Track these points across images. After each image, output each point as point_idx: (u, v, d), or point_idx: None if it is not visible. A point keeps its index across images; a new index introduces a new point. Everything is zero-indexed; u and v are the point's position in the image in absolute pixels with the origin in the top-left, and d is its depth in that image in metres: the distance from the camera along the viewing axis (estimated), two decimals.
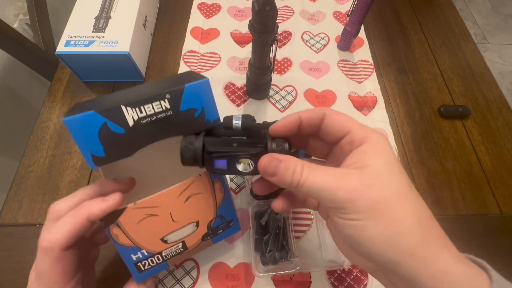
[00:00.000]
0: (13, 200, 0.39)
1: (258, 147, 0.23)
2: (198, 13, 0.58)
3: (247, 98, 0.49)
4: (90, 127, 0.22)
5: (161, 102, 0.23)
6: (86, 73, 0.48)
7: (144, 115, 0.23)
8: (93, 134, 0.22)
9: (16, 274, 0.35)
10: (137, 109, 0.22)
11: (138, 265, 0.27)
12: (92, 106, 0.23)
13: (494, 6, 1.83)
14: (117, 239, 0.25)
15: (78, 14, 0.47)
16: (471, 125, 0.49)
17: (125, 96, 0.24)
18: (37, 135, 0.44)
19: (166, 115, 0.23)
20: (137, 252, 0.26)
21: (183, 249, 0.28)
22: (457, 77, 0.54)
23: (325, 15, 0.60)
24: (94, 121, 0.22)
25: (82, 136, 0.22)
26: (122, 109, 0.22)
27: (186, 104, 0.24)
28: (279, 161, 0.21)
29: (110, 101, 0.23)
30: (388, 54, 0.56)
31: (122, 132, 0.22)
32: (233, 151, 0.23)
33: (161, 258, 0.27)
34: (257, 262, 0.34)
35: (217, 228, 0.30)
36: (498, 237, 0.40)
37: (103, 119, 0.22)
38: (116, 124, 0.22)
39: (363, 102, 0.50)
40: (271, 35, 0.36)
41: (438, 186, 0.43)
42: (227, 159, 0.23)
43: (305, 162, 0.21)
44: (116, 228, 0.25)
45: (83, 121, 0.21)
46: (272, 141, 0.23)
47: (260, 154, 0.22)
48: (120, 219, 0.24)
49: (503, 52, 1.64)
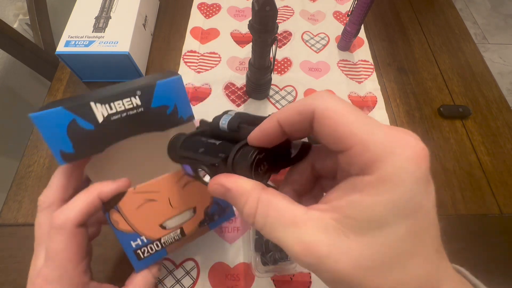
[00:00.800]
0: (13, 200, 0.39)
1: (218, 157, 0.19)
2: (198, 13, 0.58)
3: (247, 98, 0.49)
4: (58, 123, 0.22)
5: (132, 98, 0.23)
6: (86, 73, 0.48)
7: (114, 111, 0.23)
8: (61, 130, 0.22)
9: (16, 274, 0.35)
10: (107, 105, 0.22)
11: (137, 252, 0.26)
12: (62, 103, 0.22)
13: (494, 6, 1.83)
14: (117, 225, 0.25)
15: (78, 14, 0.47)
16: (471, 125, 0.49)
17: (97, 93, 0.24)
18: (37, 135, 0.44)
19: (137, 112, 0.23)
20: (136, 238, 0.26)
21: (181, 235, 0.28)
22: (457, 77, 0.54)
23: (325, 15, 0.60)
24: (62, 117, 0.22)
25: (50, 132, 0.22)
26: (91, 105, 0.22)
27: (157, 101, 0.24)
28: (225, 189, 0.16)
29: (82, 98, 0.23)
30: (388, 54, 0.56)
31: (91, 129, 0.22)
32: (195, 158, 0.21)
33: (160, 245, 0.27)
34: (257, 262, 0.34)
35: (213, 214, 0.30)
36: (498, 237, 0.40)
37: (71, 115, 0.22)
38: (85, 120, 0.22)
39: (363, 102, 0.50)
40: (271, 35, 0.36)
41: (438, 186, 0.43)
42: (191, 165, 0.22)
43: (264, 197, 0.15)
44: (116, 214, 0.25)
45: (51, 117, 0.21)
46: (239, 150, 0.18)
47: (218, 166, 0.18)
48: (120, 204, 0.25)
49: (503, 52, 1.64)
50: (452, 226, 0.40)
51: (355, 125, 0.13)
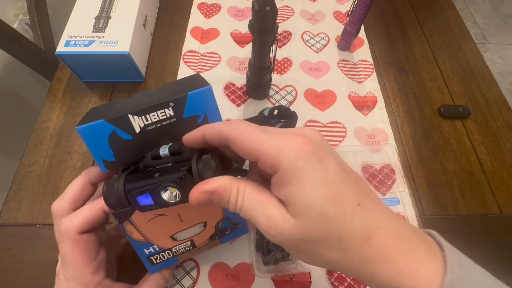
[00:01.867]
0: (13, 200, 0.39)
1: (181, 171, 0.20)
2: (198, 13, 0.58)
3: (247, 98, 0.49)
4: (101, 135, 0.23)
5: (166, 110, 0.24)
6: (86, 73, 0.48)
7: (149, 122, 0.24)
8: (103, 141, 0.24)
9: (16, 274, 0.35)
10: (143, 117, 0.24)
11: (150, 259, 0.28)
12: (101, 115, 0.24)
13: (494, 6, 1.83)
14: (131, 235, 0.27)
15: (78, 14, 0.47)
16: (471, 125, 0.49)
17: (132, 103, 0.25)
18: (37, 135, 0.44)
19: (170, 122, 0.24)
20: (149, 247, 0.28)
21: (191, 247, 0.30)
22: (457, 77, 0.54)
23: (325, 15, 0.60)
24: (104, 129, 0.23)
25: (94, 143, 0.24)
26: (129, 117, 0.23)
27: (189, 111, 0.25)
28: (210, 193, 0.18)
29: (118, 109, 0.24)
30: (388, 54, 0.56)
31: (129, 139, 0.24)
32: (154, 182, 0.21)
33: (171, 254, 0.29)
34: (259, 262, 0.34)
35: (224, 230, 0.31)
36: (498, 237, 0.40)
37: (111, 127, 0.23)
38: (123, 131, 0.24)
39: (363, 102, 0.50)
40: (271, 35, 0.36)
41: (438, 186, 0.43)
42: (149, 192, 0.21)
43: (240, 185, 0.18)
44: (129, 225, 0.27)
45: (94, 129, 0.23)
46: (197, 160, 0.20)
47: (183, 178, 0.20)
48: (133, 217, 0.26)
49: (503, 52, 1.64)
50: (452, 226, 0.40)
51: (255, 140, 0.18)
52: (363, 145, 0.45)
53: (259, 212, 0.18)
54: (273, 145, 0.17)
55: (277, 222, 0.17)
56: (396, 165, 0.43)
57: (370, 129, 0.47)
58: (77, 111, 0.47)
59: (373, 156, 0.44)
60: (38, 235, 0.37)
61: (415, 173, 0.44)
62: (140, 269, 0.29)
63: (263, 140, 0.17)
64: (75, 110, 0.47)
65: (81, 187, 0.26)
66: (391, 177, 0.43)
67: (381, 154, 0.44)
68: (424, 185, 0.43)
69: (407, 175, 0.44)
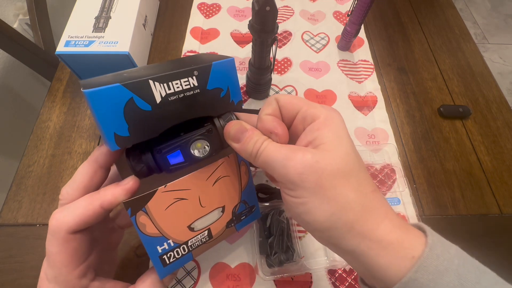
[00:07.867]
0: (13, 200, 0.39)
1: (207, 125, 0.23)
2: (198, 13, 0.58)
3: (247, 98, 0.49)
4: (115, 102, 0.19)
5: (189, 79, 0.22)
6: (86, 73, 0.48)
7: (172, 91, 0.21)
8: (117, 111, 0.19)
9: (16, 274, 0.35)
10: (165, 84, 0.21)
11: (163, 258, 0.25)
12: (114, 79, 0.20)
13: (494, 6, 1.83)
14: (144, 229, 0.23)
15: (78, 14, 0.47)
16: (471, 125, 0.49)
17: (150, 70, 0.22)
18: (37, 135, 0.44)
19: (194, 93, 0.22)
20: (163, 243, 0.25)
21: (208, 237, 0.28)
22: (457, 77, 0.54)
23: (325, 15, 0.60)
24: (119, 95, 0.19)
25: (105, 112, 0.19)
26: (150, 83, 0.20)
27: (213, 82, 0.23)
28: (245, 129, 0.22)
29: (135, 75, 0.21)
30: (388, 54, 0.56)
31: (149, 110, 0.21)
32: (183, 138, 0.22)
33: (187, 249, 0.26)
34: (263, 264, 0.34)
35: (240, 214, 0.29)
36: (498, 237, 0.40)
37: (129, 93, 0.19)
38: (143, 100, 0.20)
39: (363, 102, 0.50)
40: (271, 35, 0.36)
41: (438, 186, 0.43)
42: (180, 149, 0.22)
43: (268, 138, 0.22)
44: (143, 216, 0.23)
45: (108, 94, 0.19)
46: (218, 117, 0.24)
47: (211, 131, 0.23)
48: (149, 205, 0.23)
49: (503, 52, 1.64)
50: (452, 226, 0.40)
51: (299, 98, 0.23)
52: (363, 145, 0.45)
53: (285, 149, 0.20)
54: (311, 104, 0.22)
55: (305, 154, 0.19)
56: (396, 164, 0.43)
57: (370, 129, 0.47)
58: (77, 111, 0.47)
59: (374, 156, 0.44)
60: (38, 235, 0.37)
61: (415, 173, 0.44)
62: (139, 267, 0.28)
63: (304, 100, 0.23)
64: (75, 110, 0.47)
65: (90, 175, 0.23)
66: (392, 177, 0.43)
67: (381, 154, 0.44)
68: (424, 185, 0.43)
69: (407, 175, 0.44)
